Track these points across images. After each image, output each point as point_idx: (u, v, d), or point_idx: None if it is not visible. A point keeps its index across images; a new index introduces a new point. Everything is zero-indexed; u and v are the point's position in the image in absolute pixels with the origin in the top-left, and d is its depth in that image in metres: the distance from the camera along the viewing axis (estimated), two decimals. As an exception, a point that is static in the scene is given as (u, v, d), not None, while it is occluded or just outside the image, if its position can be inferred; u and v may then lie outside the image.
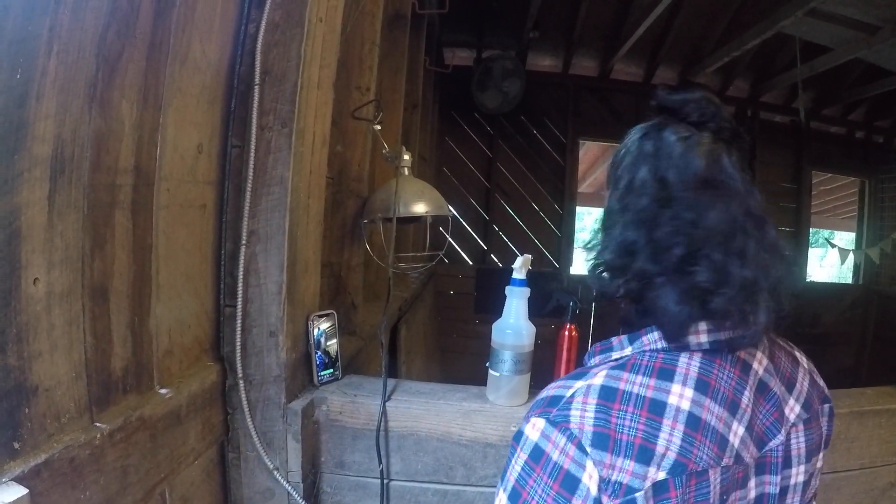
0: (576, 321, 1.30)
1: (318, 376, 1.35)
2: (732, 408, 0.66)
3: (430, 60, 3.84)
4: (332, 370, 1.39)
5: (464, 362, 4.95)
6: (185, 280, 1.14)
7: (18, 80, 0.68)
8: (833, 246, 6.22)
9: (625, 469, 0.60)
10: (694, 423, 0.63)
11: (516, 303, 1.26)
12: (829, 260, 9.54)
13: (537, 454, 0.63)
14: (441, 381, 1.44)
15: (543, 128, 5.59)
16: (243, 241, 1.21)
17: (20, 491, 0.68)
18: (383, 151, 1.98)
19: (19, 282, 0.72)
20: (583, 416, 0.63)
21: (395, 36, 2.69)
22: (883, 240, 5.61)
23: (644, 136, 0.75)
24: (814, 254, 8.77)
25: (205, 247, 1.21)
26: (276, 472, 1.23)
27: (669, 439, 0.61)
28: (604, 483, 0.60)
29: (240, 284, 1.21)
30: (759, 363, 0.71)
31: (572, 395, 0.66)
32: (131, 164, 0.94)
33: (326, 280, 1.86)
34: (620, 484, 0.59)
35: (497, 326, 1.27)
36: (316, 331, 1.35)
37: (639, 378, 0.65)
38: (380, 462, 1.27)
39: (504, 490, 0.66)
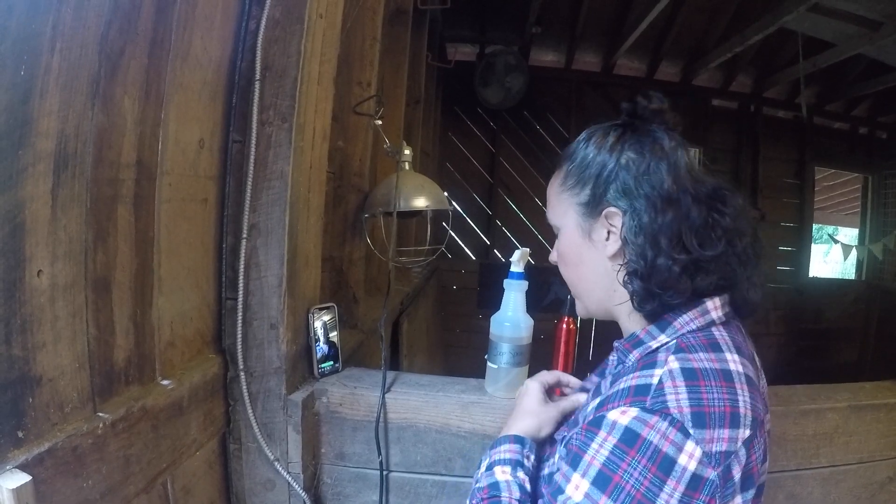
0: (573, 314, 1.31)
1: (319, 368, 1.37)
2: (754, 366, 0.76)
3: (433, 56, 3.83)
4: (332, 362, 1.40)
5: (467, 357, 4.97)
6: (186, 273, 1.15)
7: (22, 77, 0.70)
8: (836, 242, 6.23)
9: (721, 438, 0.65)
10: (749, 381, 0.71)
11: (514, 295, 1.27)
12: (833, 256, 9.52)
13: (631, 438, 0.65)
14: (444, 376, 1.45)
15: (546, 123, 5.60)
16: (244, 235, 1.22)
17: (24, 478, 0.69)
18: (384, 146, 1.99)
19: (23, 274, 0.73)
20: (678, 399, 0.66)
21: (396, 31, 2.70)
22: (886, 236, 5.61)
23: (637, 138, 0.80)
24: (817, 250, 8.75)
25: (206, 240, 1.22)
26: (276, 464, 1.25)
27: (745, 400, 0.68)
28: (706, 457, 0.64)
29: (241, 278, 1.23)
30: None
31: (660, 382, 0.69)
32: (133, 158, 0.95)
33: (328, 274, 1.88)
34: (720, 452, 0.64)
35: (495, 319, 1.28)
36: (316, 323, 1.37)
37: (701, 355, 0.71)
38: (379, 453, 1.29)
39: (583, 475, 0.66)
